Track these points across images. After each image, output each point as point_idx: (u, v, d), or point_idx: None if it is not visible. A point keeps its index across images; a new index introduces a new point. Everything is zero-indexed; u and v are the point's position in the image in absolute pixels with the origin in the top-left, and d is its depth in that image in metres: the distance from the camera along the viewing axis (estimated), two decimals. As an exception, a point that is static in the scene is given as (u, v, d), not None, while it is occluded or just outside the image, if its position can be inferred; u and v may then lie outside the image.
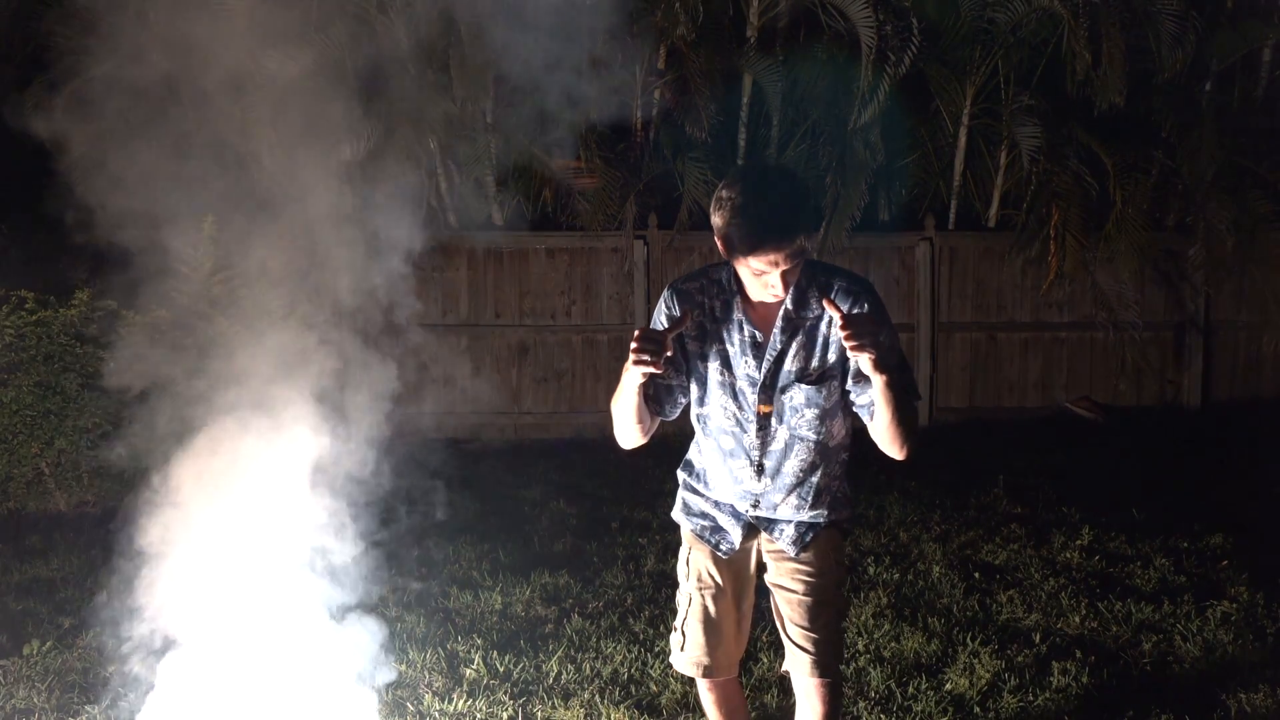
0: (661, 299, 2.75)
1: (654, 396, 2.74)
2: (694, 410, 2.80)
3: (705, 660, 2.87)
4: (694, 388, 2.75)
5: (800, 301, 2.64)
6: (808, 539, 2.77)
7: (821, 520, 2.77)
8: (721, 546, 2.83)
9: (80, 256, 8.17)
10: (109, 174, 3.22)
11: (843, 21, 9.20)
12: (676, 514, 2.95)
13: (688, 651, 2.89)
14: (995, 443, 8.35)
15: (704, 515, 2.86)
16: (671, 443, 3.15)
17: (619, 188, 9.14)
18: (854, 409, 2.71)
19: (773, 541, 2.80)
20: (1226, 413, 9.43)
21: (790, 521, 2.77)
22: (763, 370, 2.66)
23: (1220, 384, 9.70)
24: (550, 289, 9.30)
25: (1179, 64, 9.40)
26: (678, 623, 2.92)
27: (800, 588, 2.77)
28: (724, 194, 2.53)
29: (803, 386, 2.65)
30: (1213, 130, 9.18)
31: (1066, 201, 8.99)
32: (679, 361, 2.73)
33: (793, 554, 2.77)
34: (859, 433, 2.78)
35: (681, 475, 2.93)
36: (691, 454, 2.90)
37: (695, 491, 2.88)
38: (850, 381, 2.66)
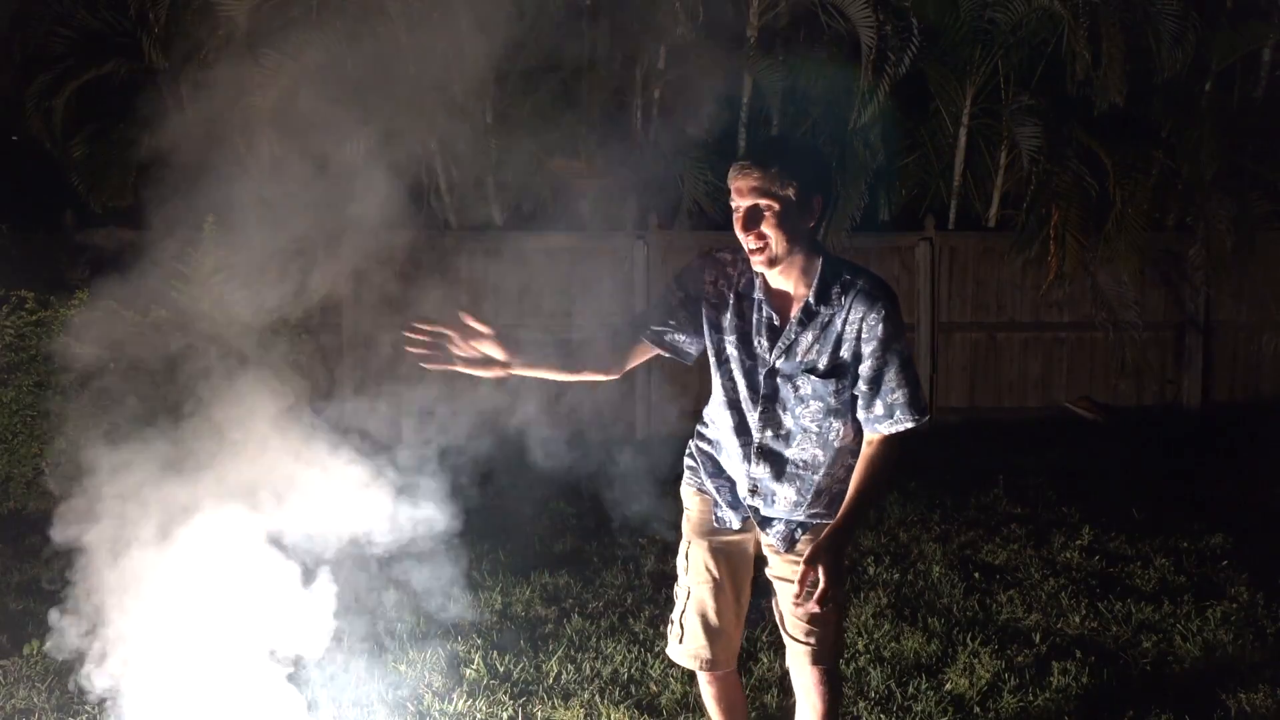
0: (696, 259, 2.79)
1: (652, 327, 2.78)
2: (714, 377, 2.82)
3: (705, 654, 2.90)
4: (712, 355, 2.78)
5: (822, 295, 2.64)
6: (798, 535, 2.77)
7: (819, 519, 2.77)
8: (719, 514, 2.85)
9: (80, 256, 8.19)
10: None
11: (843, 22, 9.21)
12: (684, 486, 2.96)
13: (686, 644, 2.91)
14: (995, 443, 8.35)
15: (715, 474, 2.85)
16: (672, 444, 3.15)
17: (619, 188, 9.13)
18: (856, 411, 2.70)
19: (766, 538, 2.81)
20: (1226, 413, 9.44)
21: (783, 519, 2.77)
22: (773, 355, 2.67)
23: (1220, 384, 9.71)
24: (550, 289, 9.29)
25: (1179, 64, 9.41)
26: (675, 615, 2.95)
27: (797, 578, 2.77)
28: None
29: (812, 379, 2.65)
30: (1213, 130, 9.19)
31: (1066, 201, 9.00)
32: (685, 322, 2.75)
33: (782, 550, 2.78)
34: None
35: (694, 439, 2.94)
36: (706, 416, 2.90)
37: (706, 454, 2.89)
38: (860, 384, 2.65)
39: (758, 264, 2.61)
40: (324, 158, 3.64)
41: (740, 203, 2.57)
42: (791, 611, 2.78)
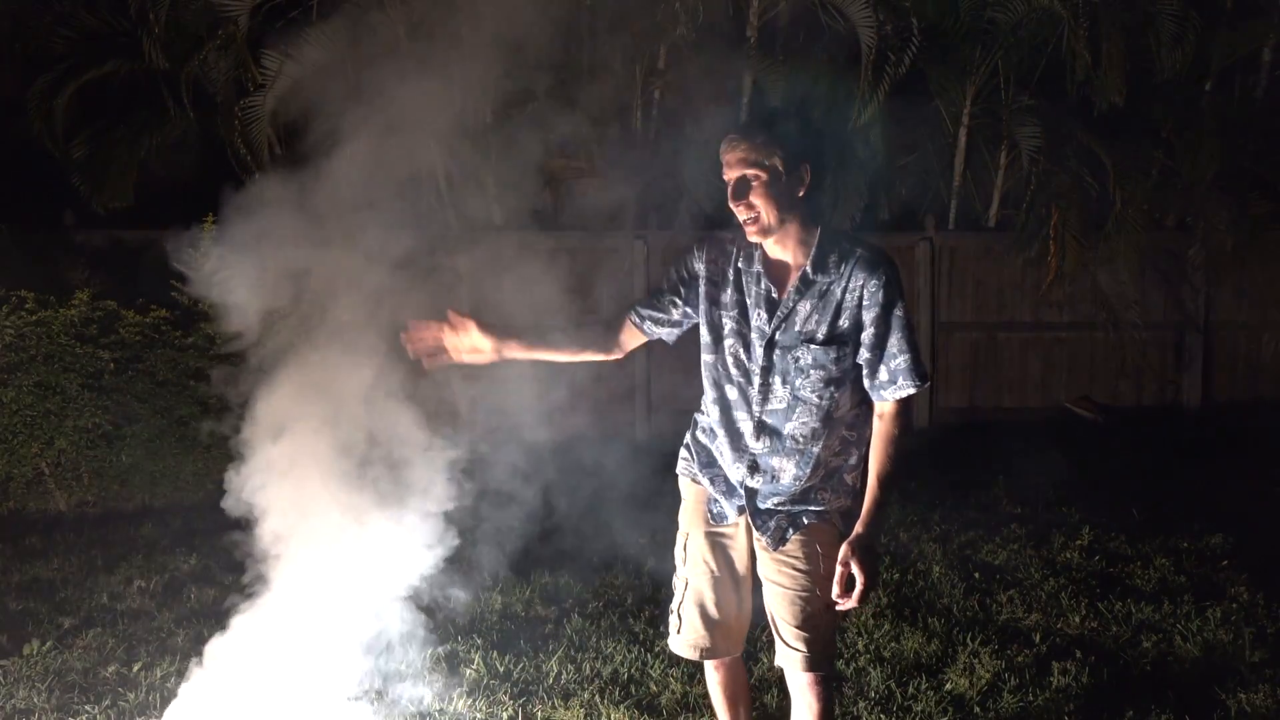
0: (695, 241, 2.86)
1: (643, 308, 2.88)
2: (705, 357, 2.84)
3: (704, 643, 2.92)
4: (707, 333, 2.82)
5: (819, 264, 2.68)
6: (789, 535, 2.76)
7: (811, 511, 2.77)
8: (714, 509, 2.88)
9: (80, 256, 8.19)
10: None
11: (843, 21, 9.20)
12: (680, 476, 2.99)
13: (684, 634, 2.94)
14: (995, 443, 8.35)
15: (712, 464, 2.88)
16: (672, 444, 3.15)
17: (619, 188, 9.13)
18: (864, 382, 2.73)
19: (757, 534, 2.81)
20: (1226, 413, 9.43)
21: (775, 515, 2.77)
22: (772, 327, 2.70)
23: (1220, 384, 9.70)
24: (550, 289, 9.28)
25: (1179, 64, 9.42)
26: (674, 605, 2.97)
27: (787, 581, 2.76)
28: None
29: (811, 348, 2.69)
30: (1213, 130, 9.19)
31: (1066, 201, 9.00)
32: (680, 292, 2.83)
33: (771, 547, 2.78)
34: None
35: (690, 430, 2.97)
36: (704, 404, 2.92)
37: (700, 444, 2.92)
38: (864, 351, 2.69)
39: (752, 234, 2.67)
40: (325, 158, 3.63)
41: (729, 174, 2.64)
42: (782, 615, 2.78)
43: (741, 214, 2.65)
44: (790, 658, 2.77)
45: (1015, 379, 9.62)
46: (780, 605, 2.78)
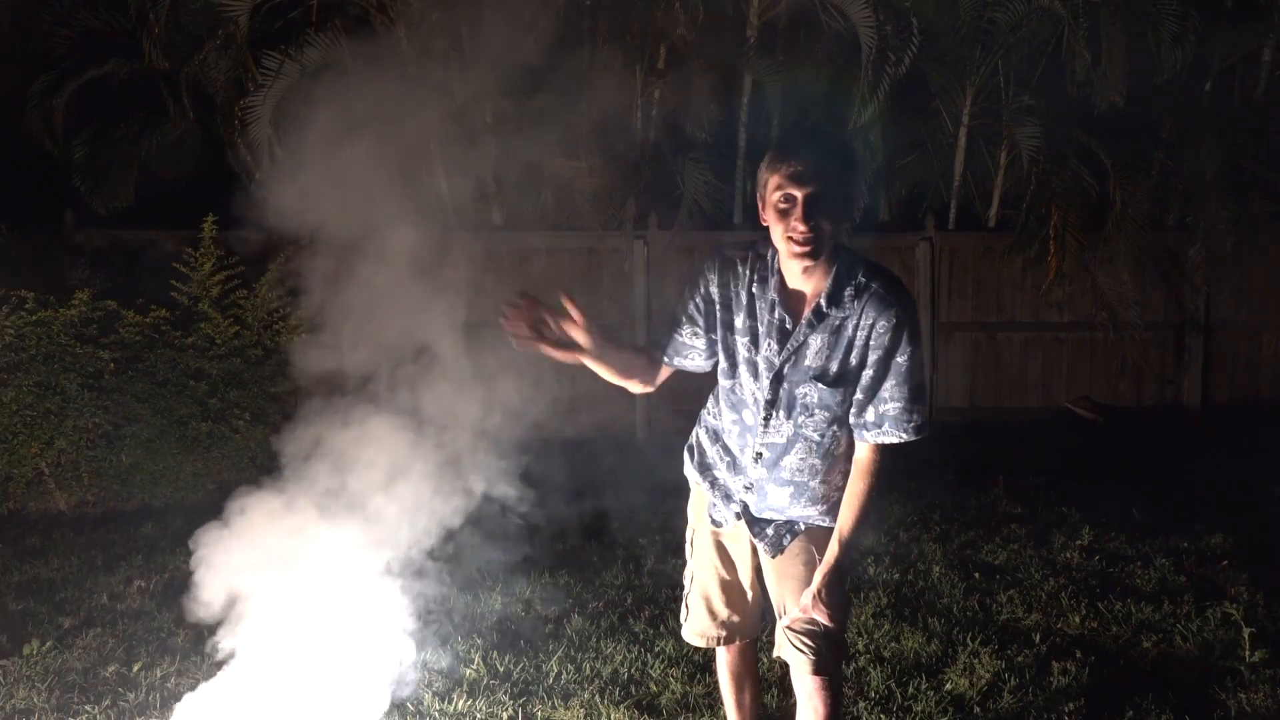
0: (705, 262, 2.73)
1: (667, 348, 2.78)
2: (721, 381, 2.79)
3: (712, 632, 2.99)
4: (723, 358, 2.73)
5: (834, 297, 2.56)
6: (785, 541, 2.75)
7: (810, 521, 2.75)
8: (715, 515, 2.88)
9: (80, 256, 8.19)
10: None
11: (843, 21, 9.19)
12: (687, 469, 2.98)
13: (691, 623, 3.01)
14: (995, 443, 8.35)
15: (710, 469, 2.87)
16: (671, 444, 3.15)
17: (619, 188, 9.13)
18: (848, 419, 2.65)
19: (756, 540, 2.81)
20: (1226, 413, 9.43)
21: (773, 522, 2.76)
22: (781, 359, 2.61)
23: (1220, 384, 9.70)
24: (550, 289, 9.27)
25: (1179, 64, 9.40)
26: (684, 596, 3.04)
27: (790, 587, 2.76)
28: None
29: (819, 385, 2.60)
30: (1213, 130, 9.19)
31: (1066, 201, 8.99)
32: (699, 321, 2.72)
33: (770, 554, 2.77)
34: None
35: (698, 425, 2.94)
36: (708, 414, 2.89)
37: (701, 446, 2.91)
38: (857, 391, 2.59)
39: (800, 254, 2.50)
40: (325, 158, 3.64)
41: (797, 190, 2.46)
42: (787, 619, 2.78)
43: (803, 234, 2.46)
44: (797, 660, 2.76)
45: (1015, 379, 9.62)
46: (785, 608, 2.78)
